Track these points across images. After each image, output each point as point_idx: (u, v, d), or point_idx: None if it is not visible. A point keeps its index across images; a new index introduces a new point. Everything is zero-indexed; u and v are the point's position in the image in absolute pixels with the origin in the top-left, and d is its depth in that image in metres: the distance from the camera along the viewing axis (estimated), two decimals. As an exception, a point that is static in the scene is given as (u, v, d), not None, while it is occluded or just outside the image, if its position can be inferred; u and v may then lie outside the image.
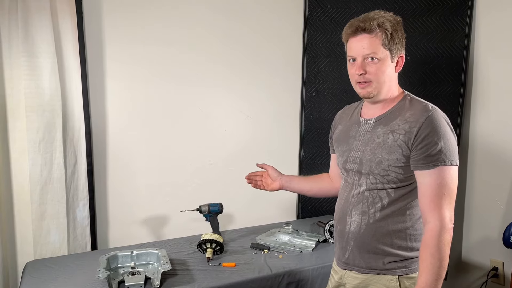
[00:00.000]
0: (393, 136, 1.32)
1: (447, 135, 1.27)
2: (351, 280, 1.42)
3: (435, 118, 1.27)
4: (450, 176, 1.26)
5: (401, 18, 1.37)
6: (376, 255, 1.37)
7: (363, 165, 1.37)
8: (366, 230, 1.37)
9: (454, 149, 1.27)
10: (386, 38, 1.30)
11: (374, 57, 1.31)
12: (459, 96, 2.47)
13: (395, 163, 1.31)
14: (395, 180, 1.33)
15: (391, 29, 1.30)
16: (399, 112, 1.35)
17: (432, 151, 1.25)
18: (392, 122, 1.34)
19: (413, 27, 2.48)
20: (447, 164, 1.25)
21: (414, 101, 1.37)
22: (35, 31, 2.00)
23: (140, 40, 2.30)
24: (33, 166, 2.05)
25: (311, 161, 2.73)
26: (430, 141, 1.25)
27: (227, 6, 2.49)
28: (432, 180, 1.26)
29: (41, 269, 1.89)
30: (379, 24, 1.30)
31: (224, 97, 2.55)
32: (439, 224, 1.25)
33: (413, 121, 1.29)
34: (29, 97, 2.02)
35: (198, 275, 1.82)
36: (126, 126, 2.33)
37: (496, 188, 2.38)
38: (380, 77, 1.33)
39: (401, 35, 1.34)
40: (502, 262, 2.37)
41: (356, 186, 1.41)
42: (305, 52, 2.66)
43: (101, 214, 2.32)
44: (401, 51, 1.35)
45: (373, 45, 1.31)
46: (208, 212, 2.22)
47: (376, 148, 1.35)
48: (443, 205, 1.25)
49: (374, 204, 1.36)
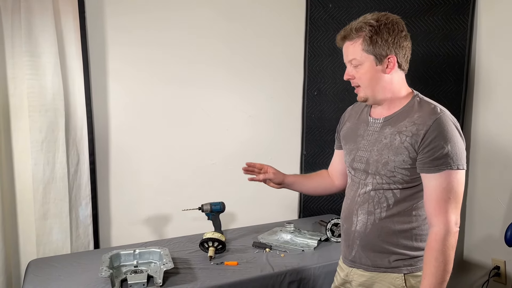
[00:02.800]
0: (400, 137, 1.31)
1: (455, 138, 1.26)
2: (357, 278, 1.44)
3: (443, 121, 1.27)
4: (457, 180, 1.26)
5: (393, 18, 1.34)
6: (381, 253, 1.38)
7: (369, 165, 1.38)
8: (372, 229, 1.38)
9: (461, 153, 1.27)
10: (366, 42, 1.32)
11: (356, 63, 1.35)
12: (461, 95, 2.47)
13: (401, 165, 1.31)
14: (401, 181, 1.33)
15: (370, 33, 1.31)
16: (407, 113, 1.34)
17: (438, 154, 1.25)
18: (400, 123, 1.34)
19: (415, 26, 2.48)
20: (454, 168, 1.25)
21: (423, 102, 1.35)
22: (38, 31, 2.01)
23: (142, 40, 2.31)
24: (35, 166, 2.06)
25: (313, 160, 2.74)
26: (437, 145, 1.25)
27: (228, 7, 2.49)
28: (438, 183, 1.26)
29: (44, 267, 1.90)
30: (357, 29, 1.32)
31: (226, 96, 2.56)
32: (444, 228, 1.25)
33: (421, 124, 1.28)
34: (32, 96, 2.03)
35: (200, 273, 1.82)
36: (128, 126, 2.34)
37: (498, 187, 2.38)
38: (366, 81, 1.36)
39: (388, 36, 1.31)
40: (504, 261, 2.37)
41: (362, 185, 1.42)
42: (307, 51, 2.66)
43: (104, 213, 2.33)
44: (390, 52, 1.32)
45: (354, 51, 1.34)
46: (210, 211, 2.23)
47: (383, 149, 1.35)
48: (449, 209, 1.26)
49: (380, 204, 1.37)
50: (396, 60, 1.33)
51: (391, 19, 1.33)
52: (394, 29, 1.32)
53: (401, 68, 1.36)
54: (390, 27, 1.31)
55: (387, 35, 1.31)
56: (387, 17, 1.33)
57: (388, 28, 1.31)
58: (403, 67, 1.37)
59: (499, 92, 2.36)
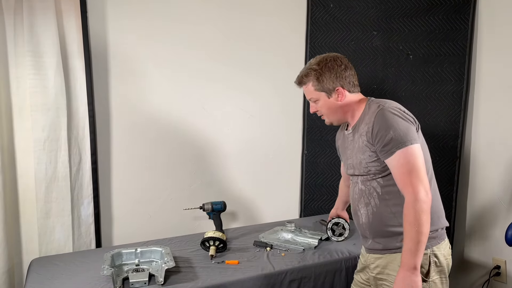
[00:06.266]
0: (361, 139, 1.56)
1: (395, 123, 1.45)
2: (373, 261, 1.62)
3: (382, 113, 1.48)
4: (410, 155, 1.43)
5: (331, 58, 1.60)
6: (389, 237, 1.55)
7: (354, 168, 1.62)
8: (374, 218, 1.57)
9: (405, 132, 1.44)
10: (314, 84, 1.61)
11: (314, 100, 1.65)
12: (461, 95, 2.47)
13: (369, 159, 1.53)
14: (376, 172, 1.54)
15: (316, 76, 1.60)
16: (362, 117, 1.58)
17: (386, 141, 1.45)
18: (360, 127, 1.58)
19: (416, 25, 2.49)
20: (403, 147, 1.43)
21: (371, 104, 1.57)
22: (40, 31, 2.02)
23: (144, 38, 2.32)
24: (38, 165, 2.07)
25: (314, 159, 2.74)
26: (382, 134, 1.46)
27: (230, 6, 2.50)
28: (395, 163, 1.45)
29: (46, 266, 1.91)
30: (305, 75, 1.63)
31: (227, 96, 2.56)
32: (412, 196, 1.40)
33: (369, 122, 1.52)
34: (34, 96, 2.04)
35: (202, 272, 1.83)
36: (130, 124, 2.35)
37: (498, 187, 2.38)
38: (326, 111, 1.65)
39: (330, 74, 1.59)
40: (505, 261, 2.37)
41: (355, 184, 1.65)
42: (308, 51, 2.67)
43: (106, 212, 2.34)
44: (336, 85, 1.59)
45: (308, 92, 1.65)
46: (211, 210, 2.23)
47: (356, 153, 1.60)
48: (412, 180, 1.41)
49: (371, 194, 1.57)
50: (342, 89, 1.60)
51: (329, 59, 1.60)
52: (334, 66, 1.59)
53: (350, 92, 1.61)
54: (330, 66, 1.59)
55: (329, 73, 1.59)
56: (326, 58, 1.61)
57: (329, 67, 1.59)
58: (353, 91, 1.62)
59: (500, 91, 2.36)
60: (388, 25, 2.52)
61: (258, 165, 2.68)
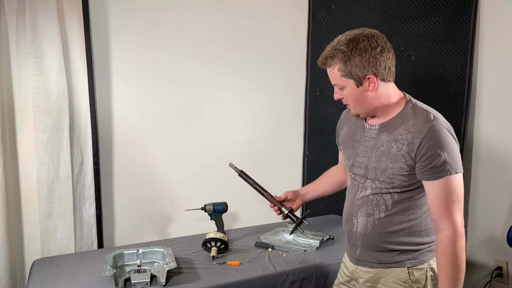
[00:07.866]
0: (396, 145, 1.33)
1: (450, 145, 1.28)
2: (363, 274, 1.47)
3: (437, 129, 1.28)
4: (456, 183, 1.29)
5: (365, 37, 1.30)
6: (384, 252, 1.42)
7: (368, 171, 1.41)
8: (372, 230, 1.42)
9: (457, 157, 1.29)
10: (340, 69, 1.33)
11: (339, 87, 1.38)
12: (463, 96, 2.47)
13: (399, 172, 1.34)
14: (399, 186, 1.36)
15: (344, 59, 1.30)
16: (402, 120, 1.35)
17: (436, 162, 1.27)
18: (395, 130, 1.35)
19: (417, 26, 2.49)
20: (453, 174, 1.28)
21: (416, 108, 1.36)
22: (43, 32, 2.02)
23: (146, 41, 2.32)
24: (40, 166, 2.08)
25: (315, 160, 2.74)
26: (434, 153, 1.27)
27: (231, 7, 2.50)
28: (439, 189, 1.29)
29: (48, 267, 1.91)
30: (331, 57, 1.33)
31: (229, 97, 2.57)
32: (453, 231, 1.28)
33: (416, 132, 1.30)
34: (37, 97, 2.05)
35: (203, 273, 1.83)
36: (131, 126, 2.35)
37: (500, 188, 2.38)
38: (352, 102, 1.38)
39: (361, 58, 1.29)
40: (506, 262, 2.37)
41: (362, 189, 1.44)
42: (309, 52, 2.67)
43: (107, 213, 2.35)
44: (368, 72, 1.31)
45: (334, 77, 1.37)
46: (213, 211, 2.23)
47: (381, 156, 1.37)
48: (454, 212, 1.28)
49: (379, 206, 1.40)
50: (376, 78, 1.32)
51: (362, 39, 1.30)
52: (367, 49, 1.29)
53: (385, 81, 1.34)
54: (362, 49, 1.29)
55: (360, 58, 1.29)
56: (358, 38, 1.30)
57: (360, 50, 1.29)
58: (387, 79, 1.35)
59: (502, 93, 2.36)
60: (389, 26, 2.52)
61: (260, 166, 2.67)
